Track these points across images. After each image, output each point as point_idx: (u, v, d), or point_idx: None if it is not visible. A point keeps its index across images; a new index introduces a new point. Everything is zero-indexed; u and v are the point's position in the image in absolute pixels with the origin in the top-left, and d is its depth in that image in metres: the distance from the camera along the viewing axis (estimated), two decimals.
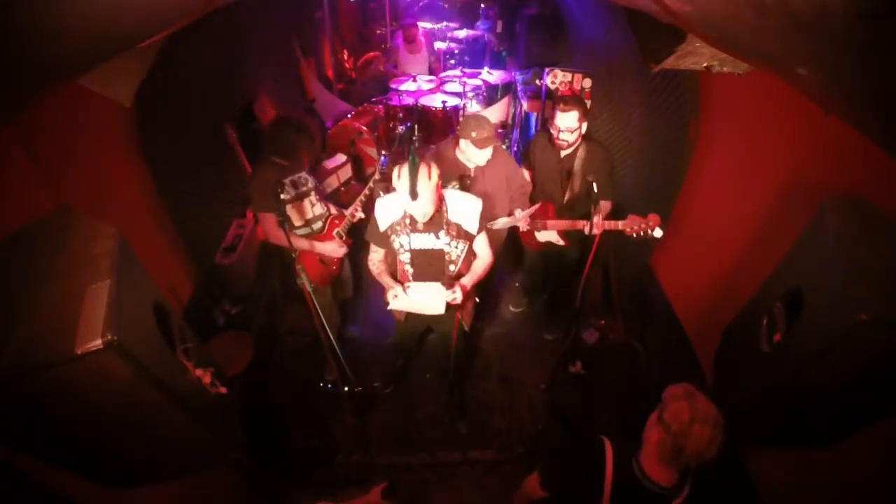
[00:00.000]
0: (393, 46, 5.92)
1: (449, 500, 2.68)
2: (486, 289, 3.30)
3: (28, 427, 1.20)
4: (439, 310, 2.19)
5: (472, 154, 2.55)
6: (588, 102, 4.23)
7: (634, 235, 2.52)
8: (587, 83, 4.17)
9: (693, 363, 2.53)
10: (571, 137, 2.64)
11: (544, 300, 3.59)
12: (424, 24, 6.36)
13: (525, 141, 5.09)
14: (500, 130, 5.54)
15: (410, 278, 2.26)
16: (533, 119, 4.76)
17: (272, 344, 3.27)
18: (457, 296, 2.14)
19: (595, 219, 2.46)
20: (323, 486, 2.70)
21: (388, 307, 2.29)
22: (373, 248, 2.32)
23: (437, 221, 2.12)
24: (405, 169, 1.91)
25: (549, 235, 2.97)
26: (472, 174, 2.66)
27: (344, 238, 2.82)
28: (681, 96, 2.87)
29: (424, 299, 2.21)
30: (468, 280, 2.25)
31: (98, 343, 1.08)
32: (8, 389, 1.08)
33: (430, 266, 2.23)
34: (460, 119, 4.96)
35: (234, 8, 2.08)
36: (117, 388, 1.19)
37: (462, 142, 2.54)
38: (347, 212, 2.80)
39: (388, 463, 2.78)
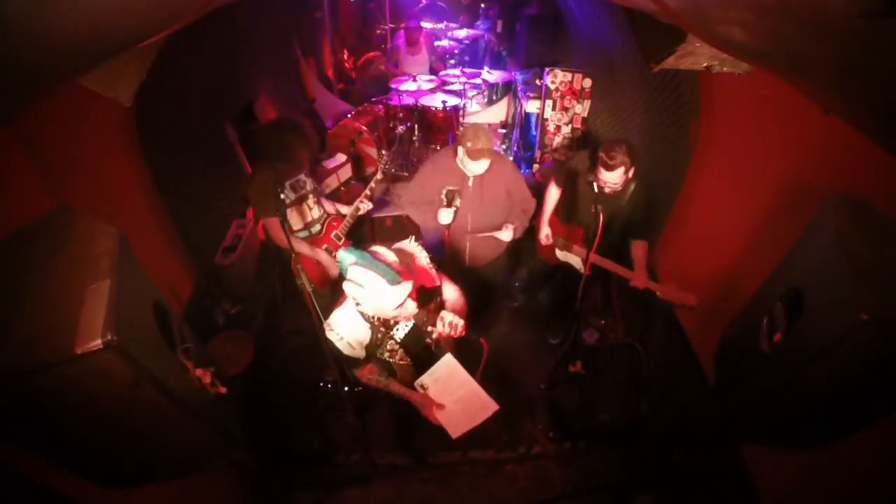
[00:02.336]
0: (394, 47, 5.92)
1: (449, 500, 2.68)
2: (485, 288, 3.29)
3: (28, 427, 1.20)
4: (492, 407, 2.03)
5: (467, 163, 2.50)
6: (588, 102, 4.25)
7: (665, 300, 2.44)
8: (587, 83, 4.18)
9: (693, 363, 2.53)
10: (619, 187, 2.47)
11: (545, 303, 3.60)
12: (425, 25, 6.36)
13: (525, 141, 5.10)
14: (500, 130, 5.55)
15: (411, 369, 2.05)
16: (533, 119, 4.76)
17: (272, 344, 3.27)
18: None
19: (635, 273, 2.48)
20: (323, 486, 2.70)
21: (456, 438, 2.08)
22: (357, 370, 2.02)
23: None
24: (370, 269, 1.67)
25: (571, 259, 2.93)
26: (469, 182, 2.62)
27: (343, 240, 2.82)
28: (681, 96, 2.87)
29: (465, 401, 2.02)
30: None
31: (98, 343, 1.08)
32: (8, 389, 1.08)
33: (417, 342, 2.03)
34: (460, 123, 4.98)
35: (234, 8, 2.08)
36: (117, 388, 1.19)
37: (459, 150, 2.51)
38: (349, 210, 2.80)
39: (388, 463, 2.78)
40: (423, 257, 2.02)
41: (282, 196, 2.24)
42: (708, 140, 2.68)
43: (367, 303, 1.75)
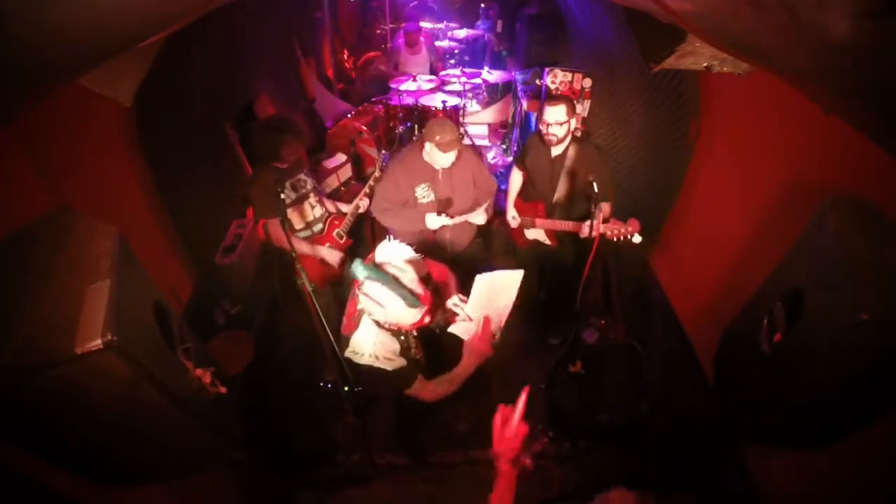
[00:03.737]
0: (394, 48, 5.92)
1: (449, 500, 2.68)
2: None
3: (28, 427, 1.20)
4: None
5: (436, 157, 2.57)
6: (588, 102, 4.25)
7: (615, 240, 2.56)
8: (587, 83, 4.17)
9: (693, 363, 2.53)
10: (560, 132, 2.64)
11: (543, 302, 3.59)
12: (425, 25, 6.37)
13: (525, 141, 5.10)
14: (500, 130, 5.55)
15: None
16: (533, 119, 4.76)
17: (272, 344, 3.27)
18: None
19: (589, 223, 2.49)
20: (323, 486, 2.70)
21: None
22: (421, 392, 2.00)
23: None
24: (388, 289, 1.69)
25: (536, 234, 3.00)
26: (439, 175, 2.68)
27: (344, 238, 2.82)
28: (681, 96, 2.87)
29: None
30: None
31: (98, 343, 1.08)
32: (8, 389, 1.08)
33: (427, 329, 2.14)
34: (461, 123, 4.99)
35: (234, 8, 2.08)
36: (117, 388, 1.19)
37: (427, 144, 2.56)
38: (349, 209, 2.80)
39: (387, 463, 2.78)
40: (408, 253, 1.97)
41: (282, 196, 2.24)
42: (708, 140, 2.68)
43: (387, 316, 1.77)
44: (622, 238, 2.56)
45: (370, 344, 1.83)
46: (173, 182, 2.67)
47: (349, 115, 4.99)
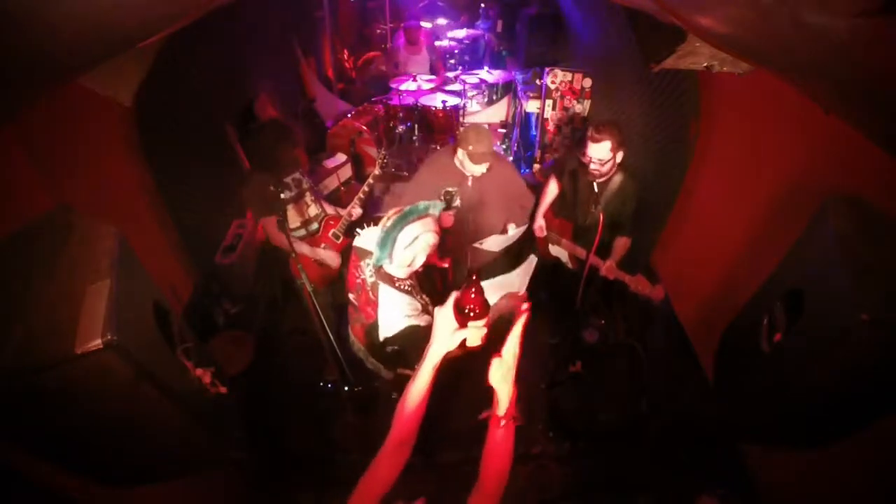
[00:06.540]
0: (394, 47, 5.92)
1: (449, 500, 2.68)
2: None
3: (28, 427, 1.20)
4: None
5: (467, 165, 2.50)
6: (588, 102, 4.25)
7: (632, 290, 2.49)
8: (587, 83, 4.18)
9: (693, 363, 2.53)
10: (604, 168, 2.49)
11: (544, 302, 3.59)
12: (425, 24, 6.37)
13: (525, 141, 5.10)
14: (500, 130, 5.55)
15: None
16: (533, 119, 4.77)
17: (272, 344, 3.27)
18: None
19: (606, 262, 2.51)
20: (323, 486, 2.70)
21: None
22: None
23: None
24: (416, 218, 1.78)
25: (560, 253, 2.94)
26: (469, 182, 2.62)
27: (341, 239, 2.82)
28: (681, 96, 2.87)
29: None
30: None
31: (98, 343, 1.08)
32: (8, 389, 1.08)
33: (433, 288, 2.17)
34: (461, 123, 4.97)
35: (234, 8, 2.08)
36: (117, 388, 1.19)
37: (459, 151, 2.50)
38: (344, 211, 2.80)
39: None
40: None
41: (282, 196, 2.24)
42: (708, 140, 2.68)
43: (419, 253, 1.80)
44: (640, 294, 2.47)
45: (398, 309, 1.84)
46: (173, 182, 2.67)
47: (349, 115, 4.99)
